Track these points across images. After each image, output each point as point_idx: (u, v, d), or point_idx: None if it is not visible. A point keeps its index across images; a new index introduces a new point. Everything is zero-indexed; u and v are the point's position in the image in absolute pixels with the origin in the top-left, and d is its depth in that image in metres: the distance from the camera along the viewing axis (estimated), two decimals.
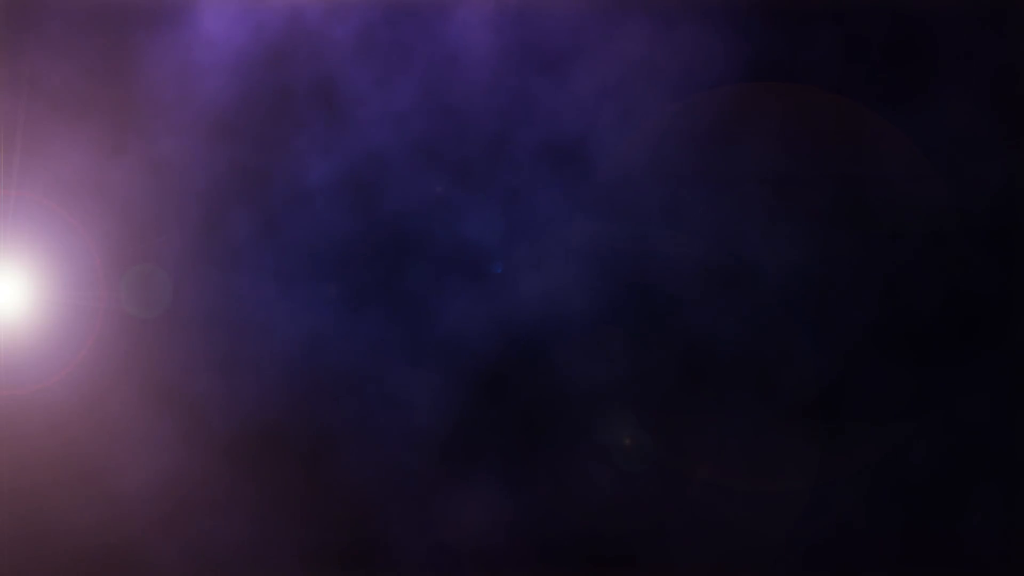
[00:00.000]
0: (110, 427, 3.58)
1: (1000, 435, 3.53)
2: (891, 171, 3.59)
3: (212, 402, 3.58)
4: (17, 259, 3.58)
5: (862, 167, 3.59)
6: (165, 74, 3.65)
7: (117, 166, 3.63)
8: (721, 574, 3.54)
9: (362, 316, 3.60)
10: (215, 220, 3.62)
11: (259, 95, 3.65)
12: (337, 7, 3.65)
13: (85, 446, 3.57)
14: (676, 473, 3.56)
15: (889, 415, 3.55)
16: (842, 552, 3.53)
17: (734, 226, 3.60)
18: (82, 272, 3.59)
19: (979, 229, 3.57)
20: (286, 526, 3.56)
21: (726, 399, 3.57)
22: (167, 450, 3.58)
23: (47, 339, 3.57)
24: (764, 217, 3.60)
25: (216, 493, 3.57)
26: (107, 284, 3.59)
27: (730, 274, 3.60)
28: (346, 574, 3.56)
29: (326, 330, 3.60)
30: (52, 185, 3.61)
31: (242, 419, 3.58)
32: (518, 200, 3.63)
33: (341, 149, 3.64)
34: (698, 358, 3.59)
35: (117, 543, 3.56)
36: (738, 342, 3.58)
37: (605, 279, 3.61)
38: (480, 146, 3.64)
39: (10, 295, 3.56)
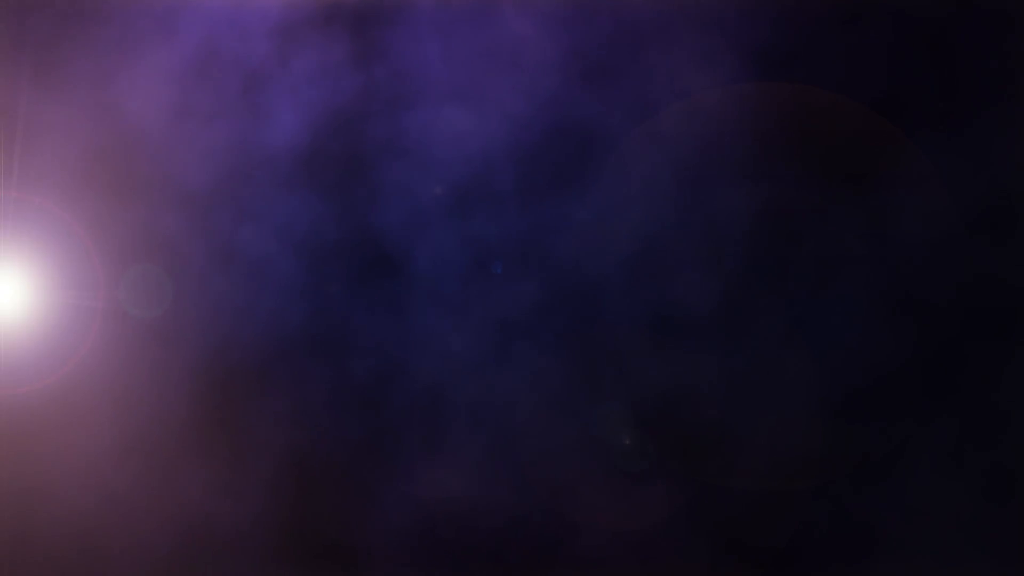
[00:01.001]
0: (109, 426, 3.58)
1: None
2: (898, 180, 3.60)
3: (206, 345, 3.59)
4: (17, 259, 3.58)
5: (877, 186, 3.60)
6: (165, 74, 3.65)
7: (117, 165, 3.63)
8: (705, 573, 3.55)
9: (362, 297, 3.60)
10: (219, 207, 3.63)
11: (265, 87, 3.65)
12: None
13: (85, 445, 3.57)
14: (667, 473, 3.57)
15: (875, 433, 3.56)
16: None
17: (738, 231, 3.61)
18: (82, 272, 3.59)
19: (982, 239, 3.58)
20: (284, 524, 3.57)
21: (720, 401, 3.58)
22: (168, 449, 3.58)
23: (47, 339, 3.57)
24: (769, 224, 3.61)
25: (217, 492, 3.58)
26: (107, 284, 3.60)
27: (731, 278, 3.61)
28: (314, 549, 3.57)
29: (325, 310, 3.61)
30: (52, 185, 3.61)
31: (240, 412, 3.59)
32: (520, 199, 3.63)
33: (351, 132, 3.65)
34: (700, 357, 3.60)
35: (117, 542, 3.57)
36: (738, 343, 3.59)
37: (605, 282, 3.62)
38: (482, 143, 3.65)
39: (10, 295, 3.57)
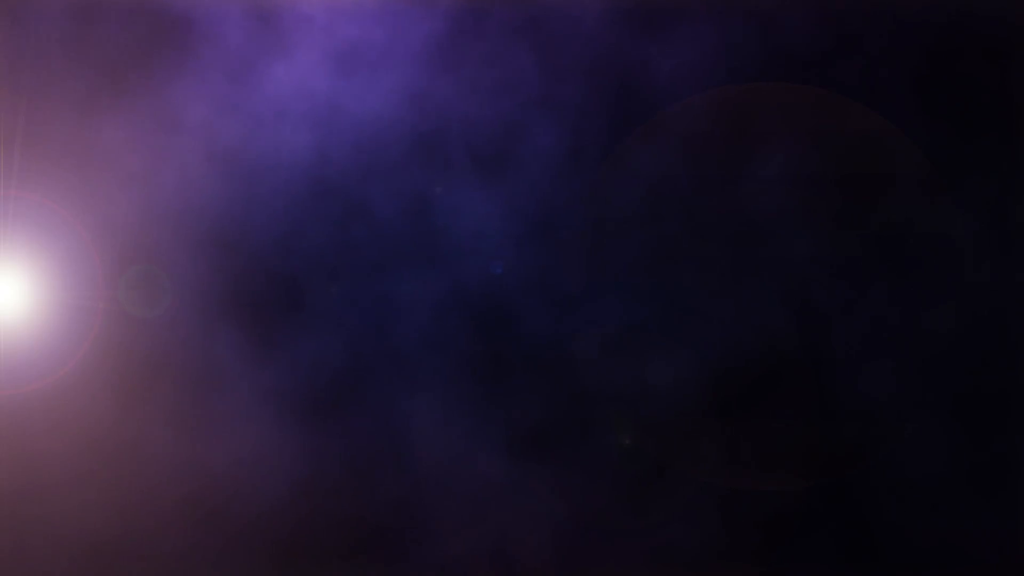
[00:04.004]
0: (109, 426, 3.58)
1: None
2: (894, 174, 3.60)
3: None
4: (17, 259, 3.58)
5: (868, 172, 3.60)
6: (167, 73, 3.65)
7: (118, 165, 3.63)
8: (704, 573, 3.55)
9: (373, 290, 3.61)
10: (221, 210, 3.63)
11: (260, 92, 3.65)
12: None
13: (85, 445, 3.57)
14: (669, 473, 3.57)
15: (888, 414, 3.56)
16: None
17: (743, 226, 3.61)
18: (82, 272, 3.59)
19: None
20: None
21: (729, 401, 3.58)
22: (167, 449, 3.58)
23: (47, 339, 3.57)
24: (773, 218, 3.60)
25: (218, 496, 3.58)
26: (107, 284, 3.59)
27: (734, 273, 3.60)
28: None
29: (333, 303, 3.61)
30: (52, 185, 3.61)
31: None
32: (523, 199, 3.63)
33: (345, 134, 3.65)
34: (707, 360, 3.60)
35: (118, 542, 3.57)
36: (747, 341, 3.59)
37: (607, 282, 3.62)
38: (486, 141, 3.65)
39: (10, 295, 3.56)
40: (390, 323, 3.61)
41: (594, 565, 3.56)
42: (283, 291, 3.62)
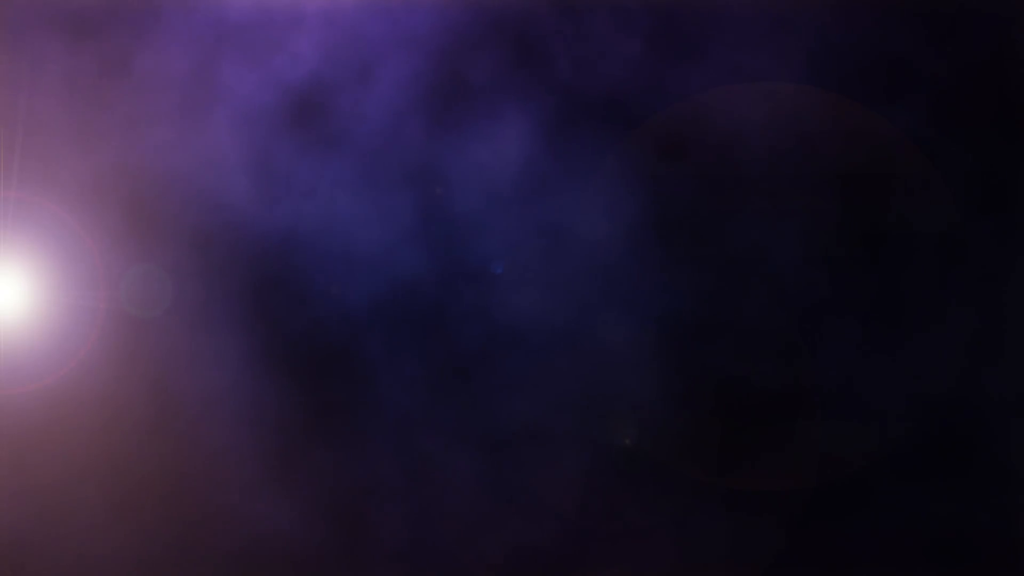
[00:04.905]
0: (110, 427, 3.58)
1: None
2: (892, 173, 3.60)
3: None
4: (17, 259, 3.58)
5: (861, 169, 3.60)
6: (167, 72, 3.65)
7: (118, 165, 3.63)
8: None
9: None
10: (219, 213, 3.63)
11: (265, 93, 3.65)
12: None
13: (85, 445, 3.58)
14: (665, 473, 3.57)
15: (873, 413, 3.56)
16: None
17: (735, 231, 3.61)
18: (82, 272, 3.59)
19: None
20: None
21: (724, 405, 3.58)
22: (167, 450, 3.59)
23: (47, 338, 3.57)
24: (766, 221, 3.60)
25: (218, 491, 3.58)
26: (107, 284, 3.60)
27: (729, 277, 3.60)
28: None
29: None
30: (52, 185, 3.61)
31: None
32: (523, 200, 3.64)
33: (344, 143, 3.65)
34: (700, 365, 3.60)
35: (118, 542, 3.57)
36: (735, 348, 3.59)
37: (604, 281, 3.62)
38: (501, 138, 3.65)
39: (10, 295, 3.57)
40: (387, 312, 3.61)
41: (585, 566, 3.56)
42: (289, 291, 3.62)
